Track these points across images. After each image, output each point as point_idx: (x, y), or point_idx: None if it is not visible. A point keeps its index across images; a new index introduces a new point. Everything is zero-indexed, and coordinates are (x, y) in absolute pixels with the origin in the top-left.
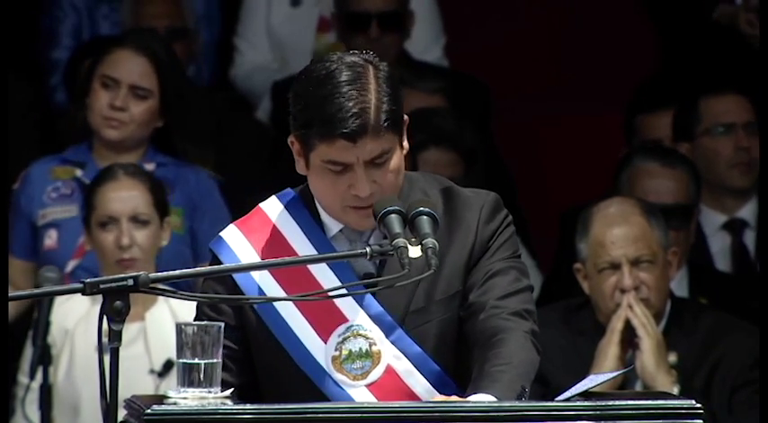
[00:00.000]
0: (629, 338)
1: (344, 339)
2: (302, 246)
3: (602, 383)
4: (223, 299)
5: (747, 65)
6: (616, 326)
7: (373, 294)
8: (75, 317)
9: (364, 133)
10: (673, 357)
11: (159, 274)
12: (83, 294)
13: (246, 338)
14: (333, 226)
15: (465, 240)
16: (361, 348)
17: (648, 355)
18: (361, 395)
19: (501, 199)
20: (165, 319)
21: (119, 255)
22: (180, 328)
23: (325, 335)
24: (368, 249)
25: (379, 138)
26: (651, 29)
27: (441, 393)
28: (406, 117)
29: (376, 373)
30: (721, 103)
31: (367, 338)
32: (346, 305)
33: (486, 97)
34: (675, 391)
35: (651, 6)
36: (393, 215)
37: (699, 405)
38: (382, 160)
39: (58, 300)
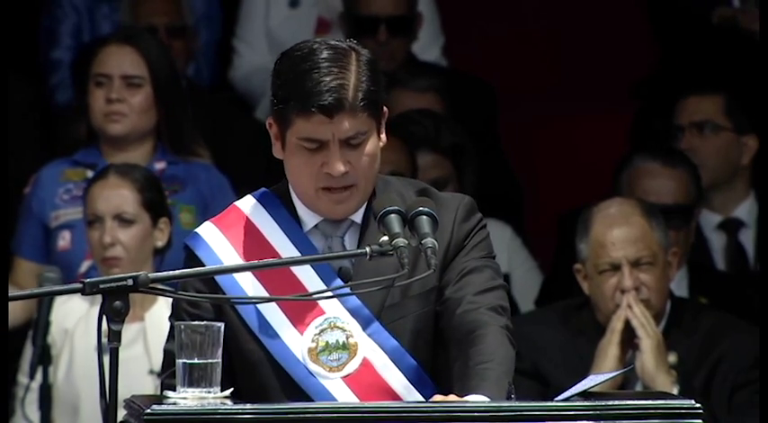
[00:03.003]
0: (629, 339)
1: (321, 331)
2: (279, 241)
3: (601, 383)
4: (220, 299)
5: (744, 62)
6: (616, 326)
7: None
8: (74, 317)
9: (341, 109)
10: (672, 357)
11: (159, 274)
12: (82, 294)
13: (225, 333)
14: (309, 221)
15: (441, 238)
16: (338, 340)
17: (648, 356)
18: (336, 387)
19: (475, 202)
20: (164, 320)
21: (102, 253)
22: (179, 328)
23: (301, 327)
24: (368, 249)
25: (355, 117)
26: (650, 30)
27: (416, 387)
28: (385, 109)
29: (352, 366)
30: (680, 106)
31: (344, 331)
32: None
33: (493, 100)
34: (675, 391)
35: (650, 8)
36: (393, 215)
37: (699, 405)
38: (357, 141)
39: (58, 300)
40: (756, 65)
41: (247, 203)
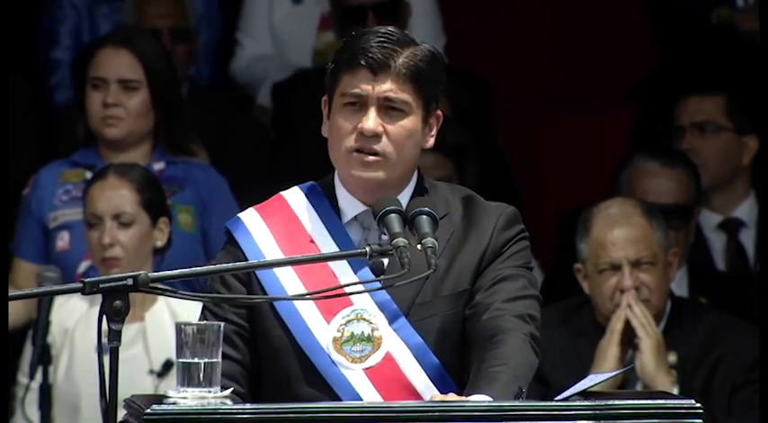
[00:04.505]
0: (629, 339)
1: (348, 322)
2: (318, 232)
3: (601, 383)
4: (224, 299)
5: (744, 63)
6: (616, 326)
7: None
8: (74, 317)
9: (386, 68)
10: (672, 357)
11: (159, 273)
12: (82, 294)
13: (254, 316)
14: (349, 212)
15: (479, 243)
16: (363, 332)
17: (648, 356)
18: (357, 378)
19: (519, 213)
20: (164, 320)
21: (102, 253)
22: (180, 328)
23: (329, 316)
24: (367, 249)
25: (398, 82)
26: (650, 29)
27: (437, 387)
28: (440, 114)
29: (375, 358)
30: (681, 106)
31: (370, 323)
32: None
33: (488, 94)
34: (675, 391)
35: (651, 7)
36: (393, 215)
37: (698, 405)
38: (397, 107)
39: (58, 300)
40: (756, 65)
41: (292, 193)
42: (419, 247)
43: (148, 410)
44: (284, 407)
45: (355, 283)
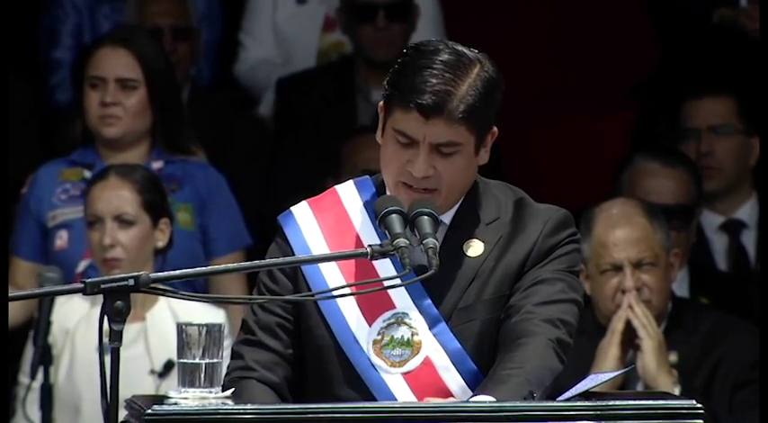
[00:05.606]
0: (630, 339)
1: (388, 325)
2: (366, 231)
3: (602, 383)
4: (228, 299)
5: (746, 63)
6: (617, 326)
7: (425, 285)
8: (75, 317)
9: (438, 113)
10: (673, 357)
11: (160, 274)
12: (84, 294)
13: (299, 312)
14: None
15: (523, 247)
16: (403, 336)
17: (649, 356)
18: (395, 382)
19: (572, 216)
20: (165, 320)
21: (103, 254)
22: (181, 329)
23: (371, 318)
24: (368, 249)
25: (451, 126)
26: (651, 29)
27: (474, 392)
28: (495, 130)
29: (413, 363)
30: (692, 107)
31: (410, 328)
32: (396, 292)
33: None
34: (676, 391)
35: (651, 7)
36: (393, 215)
37: (699, 405)
38: (448, 150)
39: (59, 300)
40: (757, 65)
41: (345, 189)
42: (421, 247)
43: (149, 411)
44: (284, 407)
45: (358, 283)
